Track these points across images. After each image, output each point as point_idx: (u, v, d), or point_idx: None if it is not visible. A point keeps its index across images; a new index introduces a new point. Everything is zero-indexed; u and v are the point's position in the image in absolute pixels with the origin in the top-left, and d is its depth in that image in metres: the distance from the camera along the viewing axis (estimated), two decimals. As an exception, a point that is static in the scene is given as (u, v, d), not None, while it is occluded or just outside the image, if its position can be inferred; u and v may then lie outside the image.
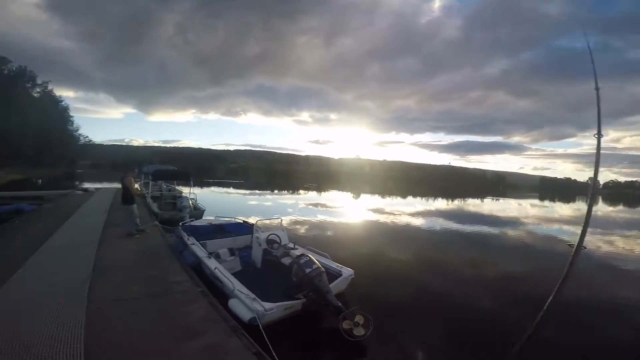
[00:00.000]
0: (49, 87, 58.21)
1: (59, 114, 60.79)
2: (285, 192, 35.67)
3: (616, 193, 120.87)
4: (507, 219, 22.40)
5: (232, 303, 4.52)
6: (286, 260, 5.63)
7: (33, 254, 5.98)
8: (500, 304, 6.35)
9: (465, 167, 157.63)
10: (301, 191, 37.24)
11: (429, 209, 26.63)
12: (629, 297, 7.11)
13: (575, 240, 3.77)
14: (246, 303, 4.37)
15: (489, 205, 35.73)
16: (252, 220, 8.97)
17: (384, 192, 47.64)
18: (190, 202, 13.37)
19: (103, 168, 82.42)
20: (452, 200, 39.56)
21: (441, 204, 34.20)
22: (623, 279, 8.89)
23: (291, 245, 6.37)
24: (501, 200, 46.34)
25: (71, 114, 66.02)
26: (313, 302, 4.65)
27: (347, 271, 5.85)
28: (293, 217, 15.67)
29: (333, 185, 55.31)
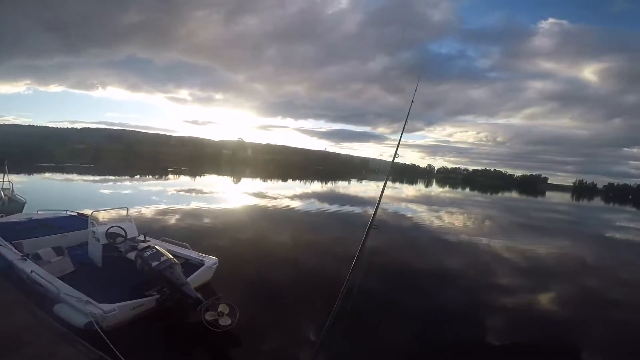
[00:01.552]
0: None
1: None
2: (151, 177, 31.09)
3: (446, 177, 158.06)
4: (368, 198, 25.83)
5: (59, 308, 3.96)
6: (132, 255, 5.02)
7: None
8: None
9: (338, 153, 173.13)
10: (171, 176, 33.23)
11: (307, 192, 28.06)
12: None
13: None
14: (77, 307, 3.85)
15: (355, 187, 40.40)
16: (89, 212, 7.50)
17: (266, 175, 47.63)
18: (2, 193, 10.32)
19: None
20: (326, 183, 42.94)
21: (317, 186, 36.63)
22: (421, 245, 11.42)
23: (141, 238, 5.71)
24: (364, 182, 53.18)
25: None
26: (169, 297, 4.28)
27: (209, 260, 5.59)
28: (159, 206, 13.70)
29: (211, 169, 51.74)
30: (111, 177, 27.80)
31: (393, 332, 4.76)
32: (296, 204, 18.31)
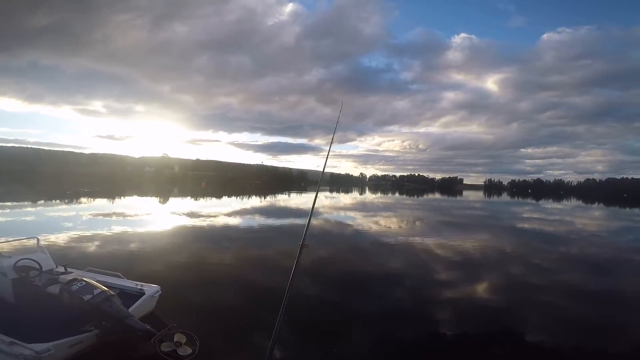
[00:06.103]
0: None
1: None
2: (59, 201, 26.79)
3: (377, 184, 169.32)
4: (307, 209, 26.06)
5: None
6: (54, 289, 4.38)
7: None
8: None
9: (275, 166, 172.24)
10: (84, 199, 29.10)
11: (245, 207, 27.15)
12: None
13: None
14: (1, 349, 3.42)
15: (295, 200, 40.51)
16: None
17: (197, 193, 44.79)
18: None
19: None
20: (265, 197, 42.15)
21: (255, 201, 35.72)
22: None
23: (61, 269, 5.03)
24: (303, 194, 53.71)
25: None
26: (111, 331, 3.83)
27: (150, 288, 5.11)
28: (74, 234, 11.85)
29: (133, 189, 46.73)
30: (7, 203, 23.18)
31: (351, 338, 4.83)
32: (235, 221, 17.57)
